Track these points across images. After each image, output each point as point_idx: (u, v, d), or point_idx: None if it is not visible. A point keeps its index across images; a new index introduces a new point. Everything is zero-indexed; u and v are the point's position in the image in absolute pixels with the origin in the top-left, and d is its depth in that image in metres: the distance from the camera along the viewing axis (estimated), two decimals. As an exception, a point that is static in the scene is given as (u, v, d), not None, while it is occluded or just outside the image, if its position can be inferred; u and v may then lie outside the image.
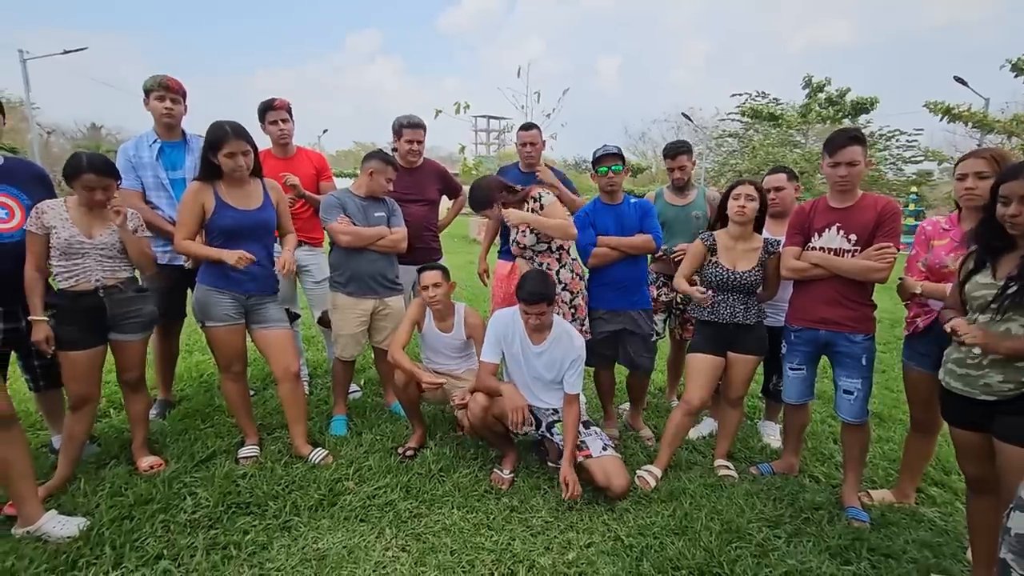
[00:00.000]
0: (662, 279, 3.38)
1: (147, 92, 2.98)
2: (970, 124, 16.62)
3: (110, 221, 2.44)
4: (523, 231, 2.97)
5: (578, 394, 2.66)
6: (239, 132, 2.53)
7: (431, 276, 2.90)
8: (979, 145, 17.73)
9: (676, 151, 3.33)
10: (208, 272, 2.64)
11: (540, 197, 2.95)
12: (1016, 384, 1.72)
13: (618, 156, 2.95)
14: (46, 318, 2.35)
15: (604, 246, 2.98)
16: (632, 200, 3.07)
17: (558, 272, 2.99)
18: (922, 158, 20.84)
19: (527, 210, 2.95)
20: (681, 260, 2.97)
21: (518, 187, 3.08)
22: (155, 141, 3.05)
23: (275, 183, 2.84)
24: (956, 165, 2.31)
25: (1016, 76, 15.73)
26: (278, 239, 2.96)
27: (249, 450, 2.80)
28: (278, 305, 2.82)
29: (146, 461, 2.64)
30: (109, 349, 2.56)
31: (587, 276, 3.15)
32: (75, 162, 2.33)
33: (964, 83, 18.12)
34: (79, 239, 2.37)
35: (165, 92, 2.96)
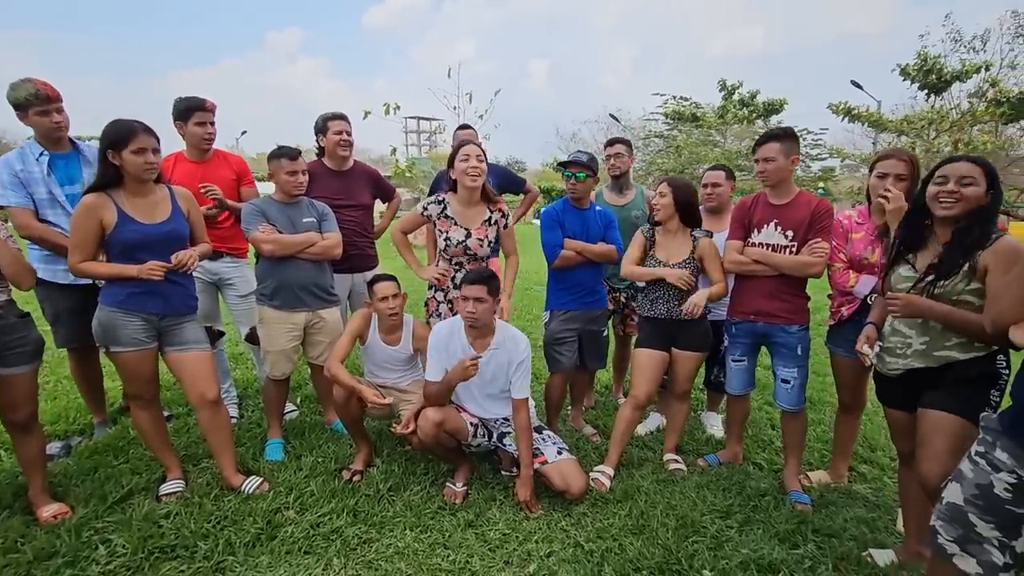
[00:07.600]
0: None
1: (22, 107, 2.59)
2: (866, 124, 18.18)
3: None
4: (481, 239, 2.84)
5: (526, 398, 2.60)
6: (147, 128, 2.27)
7: (389, 287, 2.74)
8: (873, 143, 19.48)
9: (614, 141, 3.60)
10: (112, 292, 2.33)
11: (507, 215, 2.97)
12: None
13: (585, 165, 2.93)
14: None
15: (571, 249, 2.97)
16: (598, 208, 3.13)
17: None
18: (827, 155, 22.48)
19: (493, 221, 2.90)
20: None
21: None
22: (42, 154, 2.69)
23: (186, 191, 2.55)
24: (875, 163, 2.44)
25: (904, 80, 17.40)
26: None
27: (172, 485, 2.52)
28: (196, 324, 2.55)
29: (48, 510, 2.31)
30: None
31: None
32: None
33: (860, 87, 19.81)
34: None
35: (47, 104, 2.60)
